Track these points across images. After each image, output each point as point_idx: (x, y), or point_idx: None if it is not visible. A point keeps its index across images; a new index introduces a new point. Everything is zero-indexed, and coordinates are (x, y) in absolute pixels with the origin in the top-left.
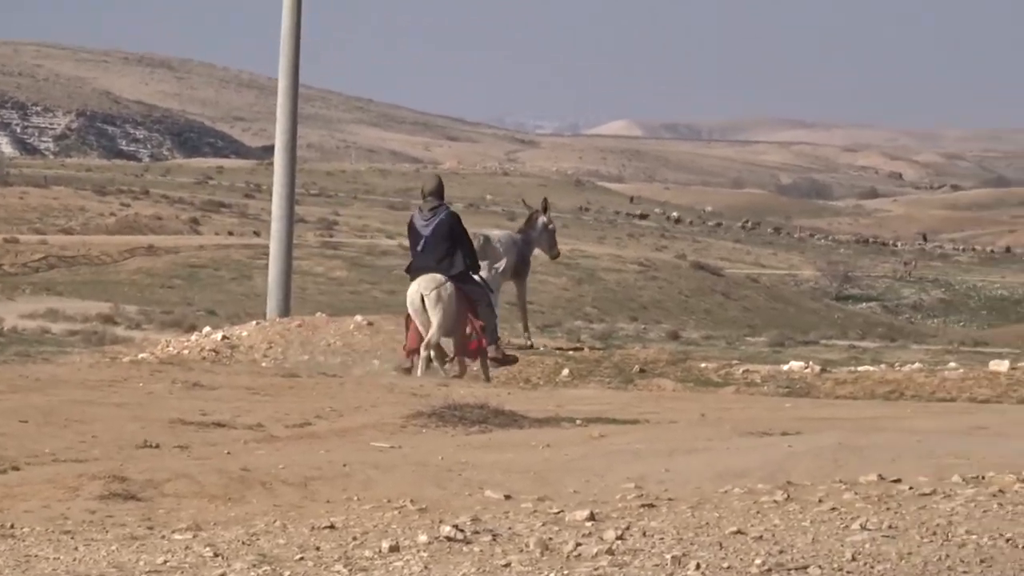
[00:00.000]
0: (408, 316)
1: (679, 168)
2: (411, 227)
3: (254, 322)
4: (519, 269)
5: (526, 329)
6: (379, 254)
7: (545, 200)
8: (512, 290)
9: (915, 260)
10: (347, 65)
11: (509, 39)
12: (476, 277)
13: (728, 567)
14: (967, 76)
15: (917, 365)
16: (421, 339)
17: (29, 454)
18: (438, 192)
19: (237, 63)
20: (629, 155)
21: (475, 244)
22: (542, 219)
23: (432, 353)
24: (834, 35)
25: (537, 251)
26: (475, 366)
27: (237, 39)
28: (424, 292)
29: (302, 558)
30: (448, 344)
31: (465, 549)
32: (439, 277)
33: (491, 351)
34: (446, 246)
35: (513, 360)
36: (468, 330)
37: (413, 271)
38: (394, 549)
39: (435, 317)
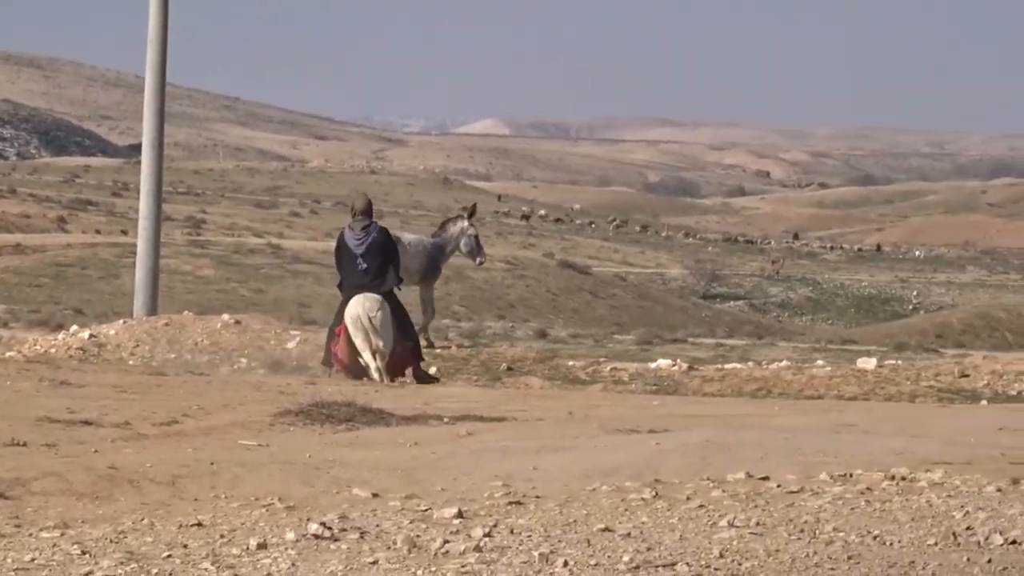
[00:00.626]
0: (336, 331)
1: (547, 166)
2: (342, 246)
3: (121, 321)
4: (427, 274)
5: (424, 330)
6: (247, 252)
7: (473, 206)
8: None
9: (783, 258)
10: (214, 63)
11: (375, 38)
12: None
13: (596, 564)
14: (835, 74)
15: (785, 363)
16: (352, 357)
17: None
18: (368, 211)
19: (105, 61)
20: (497, 153)
21: None
22: (461, 224)
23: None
24: (701, 33)
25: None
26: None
27: (105, 37)
28: (371, 314)
29: (170, 555)
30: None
31: (333, 547)
32: (378, 297)
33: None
34: (379, 262)
35: (436, 380)
36: (399, 349)
37: (348, 289)
38: (262, 547)
39: (384, 337)
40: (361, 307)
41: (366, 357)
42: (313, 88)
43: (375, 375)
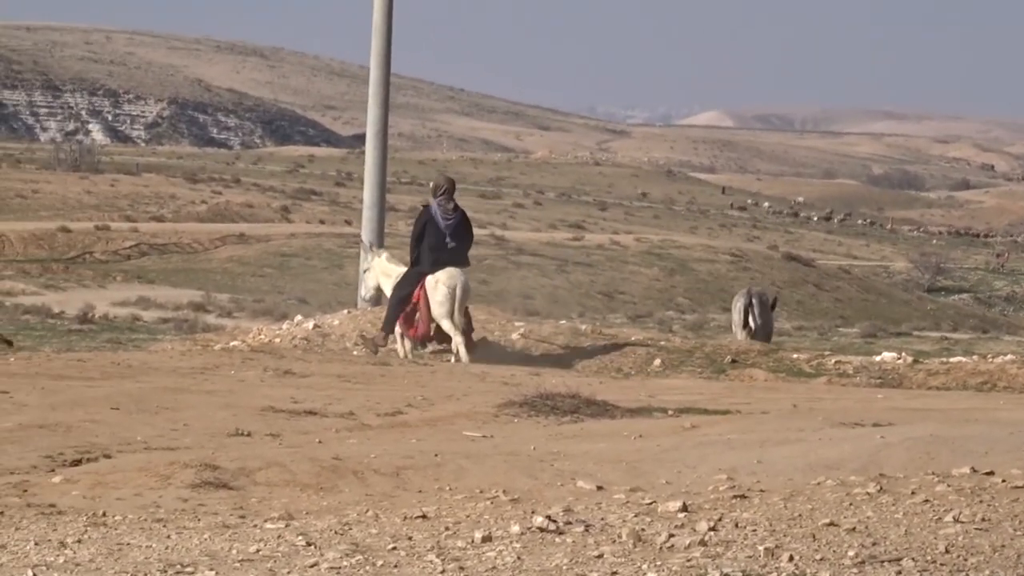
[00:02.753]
0: (414, 299)
1: (771, 159)
2: (430, 220)
3: (345, 311)
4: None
5: None
6: None
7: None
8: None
9: (1008, 252)
10: (439, 54)
11: (600, 28)
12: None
13: (821, 559)
14: None
15: (1010, 356)
16: (430, 324)
17: (121, 442)
18: (453, 190)
19: (328, 52)
20: (721, 145)
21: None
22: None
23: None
24: (925, 25)
25: None
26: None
27: (328, 28)
28: (466, 288)
29: (394, 548)
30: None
31: (558, 540)
32: (463, 273)
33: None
34: (464, 241)
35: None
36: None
37: (432, 264)
38: (487, 539)
39: (462, 308)
40: (458, 281)
41: (446, 326)
42: (537, 79)
43: (460, 347)
